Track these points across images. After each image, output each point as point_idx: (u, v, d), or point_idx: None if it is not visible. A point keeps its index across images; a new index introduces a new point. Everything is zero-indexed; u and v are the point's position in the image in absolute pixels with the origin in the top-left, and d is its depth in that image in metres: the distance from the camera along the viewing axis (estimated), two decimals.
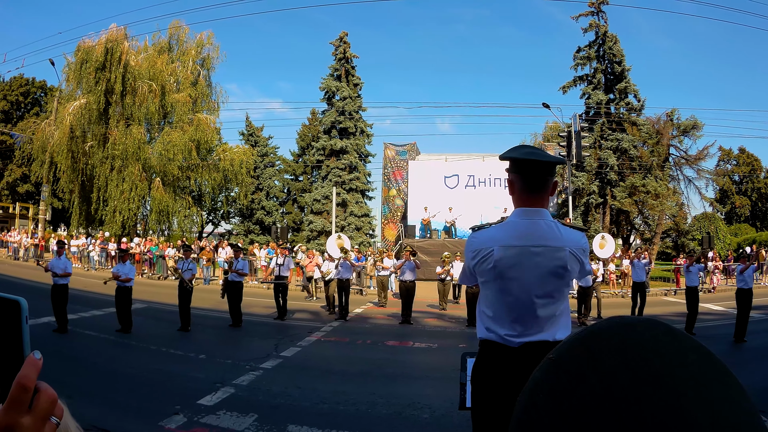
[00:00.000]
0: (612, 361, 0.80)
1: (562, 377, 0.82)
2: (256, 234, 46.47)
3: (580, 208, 35.28)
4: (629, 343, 0.82)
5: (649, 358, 0.79)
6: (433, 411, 7.68)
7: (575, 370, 0.82)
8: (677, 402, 0.74)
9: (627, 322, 0.87)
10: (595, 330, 0.87)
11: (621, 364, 0.79)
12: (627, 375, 0.78)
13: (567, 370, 0.82)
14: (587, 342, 0.85)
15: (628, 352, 0.81)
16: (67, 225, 42.64)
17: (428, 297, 21.26)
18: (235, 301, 15.18)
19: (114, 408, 7.26)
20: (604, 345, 0.83)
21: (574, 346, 0.86)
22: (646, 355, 0.80)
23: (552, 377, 0.84)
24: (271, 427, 6.81)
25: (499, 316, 2.95)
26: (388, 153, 41.51)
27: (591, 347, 0.84)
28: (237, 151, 40.62)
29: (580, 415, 0.77)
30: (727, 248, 39.68)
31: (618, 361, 0.80)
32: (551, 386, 0.83)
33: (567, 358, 0.84)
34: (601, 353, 0.82)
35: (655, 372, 0.78)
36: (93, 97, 35.97)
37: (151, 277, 29.44)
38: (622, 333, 0.84)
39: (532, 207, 3.00)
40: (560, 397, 0.80)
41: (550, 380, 0.83)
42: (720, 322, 16.80)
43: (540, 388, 0.84)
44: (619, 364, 0.79)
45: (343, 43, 43.66)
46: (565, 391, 0.80)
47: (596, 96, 35.79)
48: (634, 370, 0.78)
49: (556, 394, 0.81)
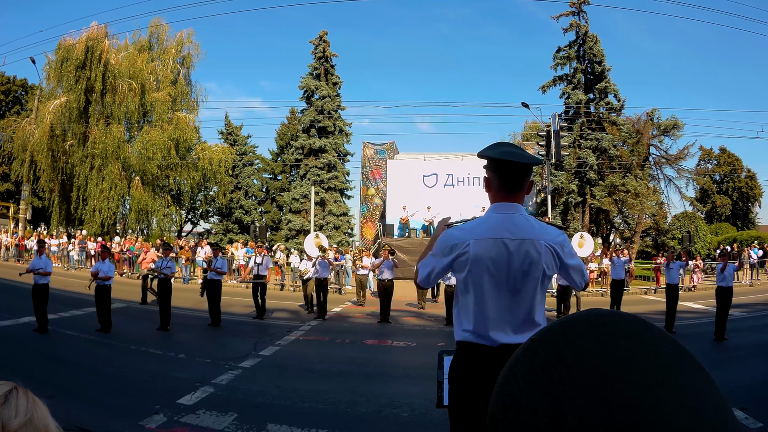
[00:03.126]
0: (587, 344, 0.89)
1: (541, 354, 0.92)
2: (234, 233, 46.26)
3: (559, 207, 35.45)
4: (605, 329, 0.92)
5: (622, 343, 0.88)
6: (413, 409, 7.76)
7: (553, 348, 0.91)
8: (645, 382, 0.83)
9: (605, 313, 0.97)
10: (574, 316, 0.97)
11: (595, 346, 0.89)
12: (600, 355, 0.87)
13: (546, 348, 0.92)
14: (565, 326, 0.95)
15: (603, 337, 0.90)
16: (47, 224, 42.27)
17: (407, 296, 21.38)
18: (214, 300, 15.22)
19: (95, 407, 7.29)
20: (582, 330, 0.93)
21: (553, 329, 0.96)
22: (620, 341, 0.89)
23: (531, 354, 0.93)
24: (250, 426, 6.87)
25: (475, 314, 2.95)
26: (367, 152, 41.48)
27: (569, 331, 0.93)
28: (216, 150, 40.50)
29: (555, 386, 0.86)
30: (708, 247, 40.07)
31: (592, 344, 0.89)
32: (531, 361, 0.92)
33: (547, 338, 0.94)
34: (577, 337, 0.91)
35: (627, 355, 0.87)
36: (73, 95, 35.75)
37: (131, 277, 29.31)
38: (599, 321, 0.93)
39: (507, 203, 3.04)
40: (538, 371, 0.90)
41: (530, 356, 0.93)
42: (700, 320, 16.96)
43: (520, 363, 0.94)
44: (594, 346, 0.89)
45: (323, 42, 43.56)
46: (543, 366, 0.90)
47: (576, 96, 35.99)
48: (606, 352, 0.87)
49: (534, 368, 0.91)
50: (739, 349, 12.59)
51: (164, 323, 14.09)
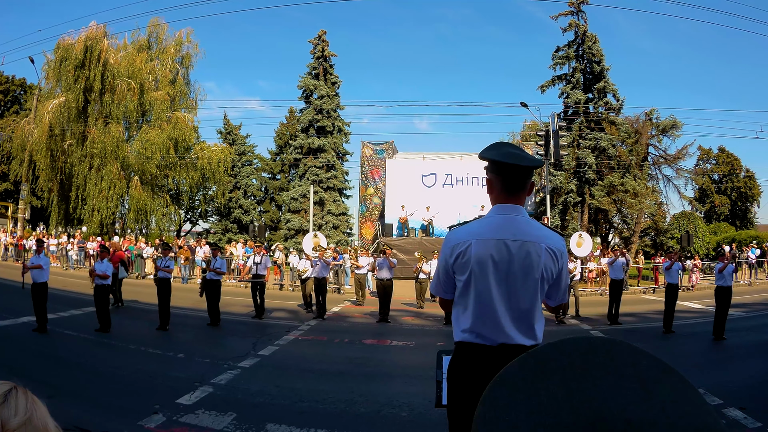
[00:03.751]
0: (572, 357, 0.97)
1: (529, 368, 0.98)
2: (233, 233, 46.26)
3: (558, 207, 35.36)
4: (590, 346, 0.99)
5: (602, 356, 0.96)
6: (412, 409, 7.78)
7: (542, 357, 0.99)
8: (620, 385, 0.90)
9: (593, 336, 1.04)
10: (565, 339, 1.03)
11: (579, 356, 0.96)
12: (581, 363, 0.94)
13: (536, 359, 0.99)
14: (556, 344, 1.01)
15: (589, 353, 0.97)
16: (46, 224, 42.26)
17: (405, 295, 21.36)
18: (213, 299, 15.23)
19: (95, 407, 7.30)
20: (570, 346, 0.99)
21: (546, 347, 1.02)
22: (601, 354, 0.96)
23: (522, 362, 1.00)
24: (249, 426, 6.88)
25: (474, 314, 2.97)
26: (366, 151, 41.49)
27: (559, 346, 0.99)
28: (215, 149, 40.42)
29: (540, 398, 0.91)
30: (707, 247, 40.08)
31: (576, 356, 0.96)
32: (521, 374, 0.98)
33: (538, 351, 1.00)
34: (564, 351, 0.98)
35: (604, 364, 0.94)
36: (72, 95, 35.67)
37: (129, 276, 29.31)
38: (586, 341, 1.00)
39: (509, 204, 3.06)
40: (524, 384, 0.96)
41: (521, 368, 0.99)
42: (699, 320, 16.96)
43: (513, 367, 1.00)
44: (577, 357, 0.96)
45: (322, 42, 43.50)
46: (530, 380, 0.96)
47: (575, 95, 35.89)
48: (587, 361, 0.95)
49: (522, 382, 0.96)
50: (738, 348, 12.58)
51: (163, 323, 14.09)
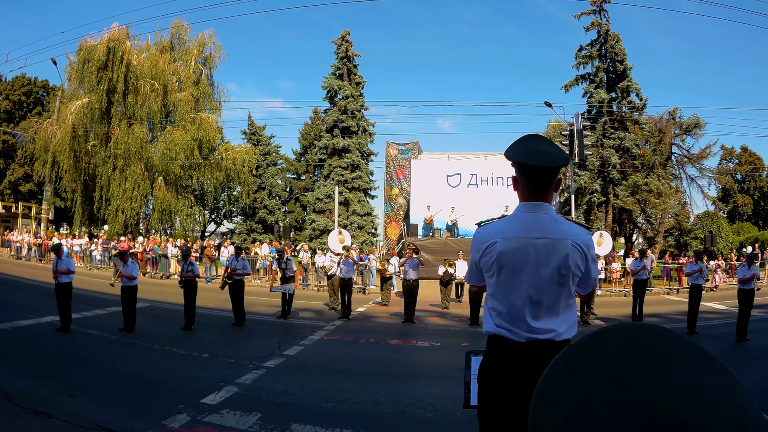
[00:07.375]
0: (615, 345, 1.07)
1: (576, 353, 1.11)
2: (258, 233, 46.47)
3: (582, 206, 35.18)
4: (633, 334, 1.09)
5: (647, 345, 1.04)
6: (437, 410, 7.66)
7: (585, 350, 1.11)
8: (665, 376, 0.98)
9: (634, 324, 1.13)
10: (605, 327, 1.14)
11: (622, 346, 1.06)
12: (625, 353, 1.04)
13: (581, 351, 1.11)
14: (598, 334, 1.13)
15: (630, 340, 1.07)
16: (69, 224, 42.70)
17: (431, 296, 21.22)
18: (238, 299, 15.16)
19: (118, 407, 7.23)
20: (611, 336, 1.10)
21: (587, 337, 1.14)
22: (645, 343, 1.05)
23: (568, 354, 1.13)
24: (274, 425, 6.79)
25: (505, 310, 2.94)
26: (391, 152, 41.50)
27: (600, 337, 1.11)
28: (239, 150, 40.67)
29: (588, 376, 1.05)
30: (730, 247, 39.69)
31: (620, 344, 1.07)
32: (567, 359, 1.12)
33: (581, 343, 1.13)
34: (607, 341, 1.09)
35: (649, 353, 1.03)
36: (95, 96, 36.06)
37: (154, 276, 29.46)
38: (628, 329, 1.11)
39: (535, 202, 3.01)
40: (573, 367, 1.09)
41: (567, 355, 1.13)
42: (722, 321, 16.78)
43: (558, 361, 1.12)
44: (621, 346, 1.06)
45: (345, 42, 43.60)
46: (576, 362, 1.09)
47: (598, 95, 35.66)
48: (631, 351, 1.04)
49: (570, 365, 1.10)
50: (761, 350, 12.43)
51: (188, 323, 14.05)
